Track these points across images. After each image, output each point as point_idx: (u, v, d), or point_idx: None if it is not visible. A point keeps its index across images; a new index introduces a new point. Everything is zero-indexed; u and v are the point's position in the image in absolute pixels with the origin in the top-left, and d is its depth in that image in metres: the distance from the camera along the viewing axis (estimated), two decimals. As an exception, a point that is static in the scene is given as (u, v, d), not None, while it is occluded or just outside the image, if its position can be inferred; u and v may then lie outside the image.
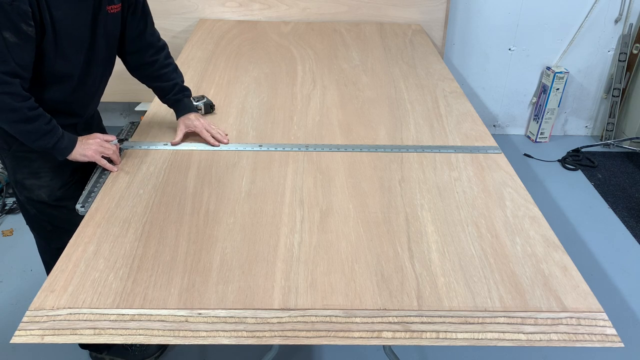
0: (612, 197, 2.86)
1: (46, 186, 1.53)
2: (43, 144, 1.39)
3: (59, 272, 1.16)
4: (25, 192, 1.55)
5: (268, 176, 1.52)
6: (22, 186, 1.55)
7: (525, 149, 3.34)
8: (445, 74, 2.28)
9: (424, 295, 1.12)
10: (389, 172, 1.56)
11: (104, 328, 1.03)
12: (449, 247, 1.26)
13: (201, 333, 1.03)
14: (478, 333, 1.04)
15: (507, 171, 1.58)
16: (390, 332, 1.04)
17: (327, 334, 1.03)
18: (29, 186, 1.54)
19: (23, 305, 2.12)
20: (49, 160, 1.51)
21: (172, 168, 1.55)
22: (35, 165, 1.52)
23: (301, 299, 1.10)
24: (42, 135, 1.38)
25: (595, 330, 1.06)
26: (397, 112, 1.93)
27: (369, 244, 1.26)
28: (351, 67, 2.33)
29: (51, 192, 1.54)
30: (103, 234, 1.28)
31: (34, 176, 1.53)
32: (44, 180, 1.53)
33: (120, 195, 1.42)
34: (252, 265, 1.19)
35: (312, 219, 1.35)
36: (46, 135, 1.38)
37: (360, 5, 2.96)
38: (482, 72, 3.33)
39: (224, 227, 1.31)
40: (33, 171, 1.52)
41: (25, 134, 1.37)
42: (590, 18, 3.13)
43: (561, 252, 1.26)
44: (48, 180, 1.53)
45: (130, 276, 1.15)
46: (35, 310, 1.06)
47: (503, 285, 1.15)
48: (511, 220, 1.36)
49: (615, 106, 3.32)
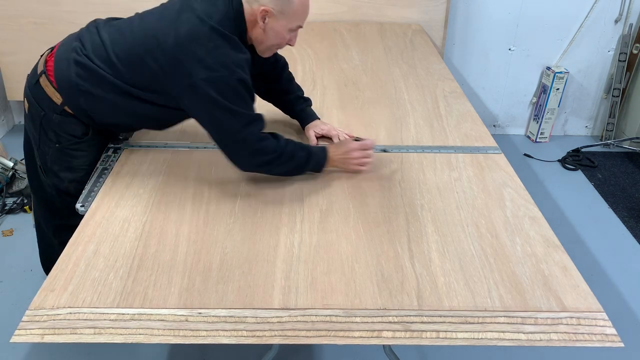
0: (612, 197, 2.86)
1: (78, 181, 1.55)
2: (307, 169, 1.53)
3: (59, 271, 1.16)
4: (56, 180, 1.58)
5: (268, 176, 1.52)
6: (56, 175, 1.58)
7: (525, 149, 3.33)
8: (445, 74, 2.28)
9: (424, 295, 1.12)
10: (389, 172, 1.56)
11: (104, 327, 1.03)
12: (449, 247, 1.26)
13: (201, 332, 1.03)
14: (478, 333, 1.04)
15: (507, 171, 1.58)
16: (390, 332, 1.04)
17: (327, 334, 1.03)
18: (63, 177, 1.57)
19: (23, 305, 2.11)
20: (91, 160, 1.58)
21: (172, 168, 1.55)
22: (77, 162, 1.56)
23: (301, 299, 1.10)
24: (306, 162, 1.51)
25: (595, 330, 1.06)
26: (397, 112, 1.93)
27: (369, 244, 1.26)
28: (351, 67, 2.33)
29: (80, 187, 1.55)
30: (103, 234, 1.28)
31: (71, 170, 1.56)
32: (79, 175, 1.56)
33: (121, 195, 1.42)
34: (252, 265, 1.19)
35: (312, 218, 1.35)
36: (307, 164, 1.51)
37: (360, 5, 2.96)
38: (482, 72, 3.32)
39: (224, 227, 1.31)
40: (72, 166, 1.56)
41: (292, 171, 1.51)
42: (590, 18, 3.13)
43: (561, 252, 1.26)
44: (82, 175, 1.56)
45: (130, 275, 1.15)
46: (35, 309, 1.07)
47: (503, 285, 1.15)
48: (511, 221, 1.36)
49: (615, 106, 3.32)
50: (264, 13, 1.39)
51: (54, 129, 1.51)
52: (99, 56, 1.43)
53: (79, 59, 1.44)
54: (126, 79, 1.42)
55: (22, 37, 2.92)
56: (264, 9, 1.38)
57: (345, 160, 1.55)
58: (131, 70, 1.41)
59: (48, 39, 2.90)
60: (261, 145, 1.42)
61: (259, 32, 1.43)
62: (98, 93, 1.45)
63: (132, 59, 1.40)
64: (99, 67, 1.42)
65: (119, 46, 1.42)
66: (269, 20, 1.40)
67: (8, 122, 3.34)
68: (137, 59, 1.39)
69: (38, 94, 1.50)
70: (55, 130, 1.51)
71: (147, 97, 1.45)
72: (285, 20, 1.41)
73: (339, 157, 1.54)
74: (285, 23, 1.42)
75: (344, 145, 1.57)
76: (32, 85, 1.51)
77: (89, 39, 1.46)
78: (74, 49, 1.45)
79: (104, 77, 1.43)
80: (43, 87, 1.48)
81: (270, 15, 1.39)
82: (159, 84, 1.40)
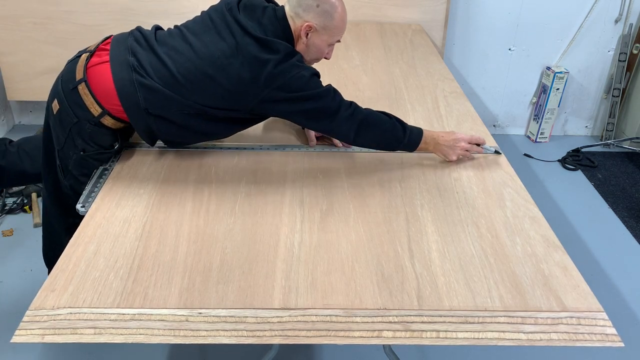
0: (612, 197, 2.86)
1: None
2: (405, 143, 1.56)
3: (59, 271, 1.16)
4: (75, 183, 1.59)
5: (268, 176, 1.52)
6: (75, 178, 1.58)
7: (525, 149, 3.34)
8: (445, 74, 2.28)
9: (424, 295, 1.12)
10: (388, 172, 1.56)
11: (104, 327, 1.03)
12: (449, 247, 1.26)
13: (201, 332, 1.03)
14: (478, 333, 1.04)
15: (507, 171, 1.58)
16: (391, 332, 1.04)
17: (328, 334, 1.03)
18: (82, 181, 1.57)
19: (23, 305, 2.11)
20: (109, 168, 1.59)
21: (172, 168, 1.55)
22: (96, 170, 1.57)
23: (301, 299, 1.10)
24: (402, 131, 1.54)
25: (596, 330, 1.06)
26: (398, 112, 1.92)
27: (369, 244, 1.26)
28: (351, 67, 2.33)
29: None
30: (103, 234, 1.28)
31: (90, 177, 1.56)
32: None
33: (121, 195, 1.42)
34: (253, 265, 1.19)
35: (312, 218, 1.35)
36: (404, 131, 1.54)
37: (360, 5, 2.96)
38: (482, 72, 3.32)
39: (224, 227, 1.31)
40: (92, 174, 1.56)
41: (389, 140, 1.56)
42: (590, 18, 3.13)
43: (561, 252, 1.26)
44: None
45: (130, 276, 1.15)
46: (35, 309, 1.07)
47: (503, 285, 1.15)
48: (511, 220, 1.36)
49: (615, 106, 3.32)
50: (307, 29, 1.46)
51: (84, 138, 1.51)
52: (162, 77, 1.44)
53: (144, 81, 1.44)
54: (196, 98, 1.44)
55: (22, 37, 2.93)
56: (308, 25, 1.46)
57: (453, 147, 1.58)
58: (200, 90, 1.44)
59: (48, 39, 2.94)
60: (353, 108, 1.50)
61: (302, 47, 1.50)
62: (168, 115, 1.47)
63: (200, 78, 1.42)
64: (166, 89, 1.43)
65: (182, 67, 1.43)
66: (312, 35, 1.48)
67: (8, 122, 3.34)
68: (207, 79, 1.42)
69: (74, 101, 1.48)
70: (85, 138, 1.51)
71: (222, 115, 1.48)
72: (327, 35, 1.50)
73: (449, 142, 1.58)
74: (326, 38, 1.50)
75: (454, 133, 1.60)
76: (69, 91, 1.49)
77: (146, 58, 1.46)
78: (132, 68, 1.45)
79: (172, 99, 1.44)
80: (82, 95, 1.47)
81: (314, 31, 1.47)
82: (234, 101, 1.45)
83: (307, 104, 1.44)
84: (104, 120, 1.49)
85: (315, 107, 1.45)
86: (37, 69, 3.00)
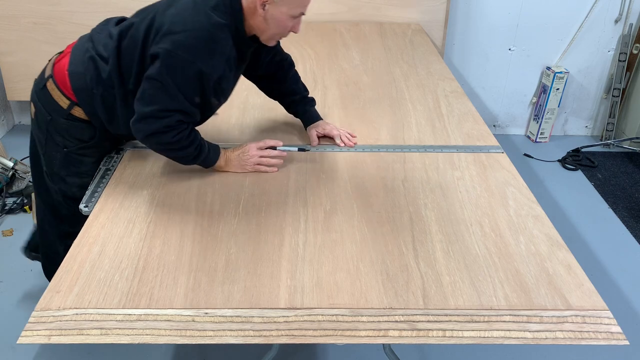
0: (612, 197, 2.87)
1: (86, 187, 1.54)
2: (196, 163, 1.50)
3: (64, 272, 1.16)
4: (64, 185, 1.58)
5: (271, 176, 1.52)
6: (63, 180, 1.58)
7: (525, 149, 3.34)
8: (445, 74, 2.29)
9: (429, 294, 1.12)
10: (391, 172, 1.56)
11: (110, 328, 1.03)
12: (453, 246, 1.26)
13: (208, 333, 1.03)
14: (484, 331, 1.04)
15: (510, 170, 1.58)
16: (397, 331, 1.04)
17: (334, 333, 1.03)
18: (71, 182, 1.57)
19: (23, 305, 2.11)
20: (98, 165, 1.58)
21: (175, 168, 1.55)
22: (84, 168, 1.56)
23: (307, 298, 1.10)
24: (193, 159, 1.48)
25: (601, 329, 1.06)
26: (399, 112, 1.93)
27: (374, 244, 1.27)
28: (352, 67, 2.33)
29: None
30: (107, 235, 1.27)
31: (78, 175, 1.56)
32: (86, 181, 1.55)
33: (124, 196, 1.42)
34: (258, 265, 1.19)
35: (316, 218, 1.35)
36: (196, 158, 1.48)
37: (360, 5, 2.97)
38: (482, 72, 3.33)
39: (228, 227, 1.31)
40: (80, 172, 1.56)
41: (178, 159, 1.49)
42: (590, 18, 3.14)
43: (565, 250, 1.26)
44: (89, 181, 1.54)
45: (135, 276, 1.15)
46: (41, 310, 1.06)
47: (508, 283, 1.16)
48: (514, 219, 1.37)
49: (615, 106, 3.33)
50: (262, 0, 1.35)
51: (61, 133, 1.51)
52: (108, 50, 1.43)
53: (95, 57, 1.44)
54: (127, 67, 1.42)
55: (22, 37, 2.92)
56: None
57: (242, 157, 1.53)
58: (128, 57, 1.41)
59: (48, 39, 2.93)
60: (169, 134, 1.38)
61: (259, 21, 1.39)
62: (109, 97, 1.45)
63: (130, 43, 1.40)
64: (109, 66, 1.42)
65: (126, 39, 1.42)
66: (269, 7, 1.36)
67: (8, 122, 3.33)
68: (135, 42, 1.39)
69: (45, 99, 1.49)
70: (63, 134, 1.51)
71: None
72: (286, 7, 1.37)
73: (235, 155, 1.53)
74: (286, 10, 1.38)
75: (243, 145, 1.55)
76: (39, 90, 1.51)
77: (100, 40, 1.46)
78: (86, 50, 1.46)
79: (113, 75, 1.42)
80: (50, 91, 1.48)
81: (270, 2, 1.36)
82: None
83: (151, 82, 1.35)
84: (74, 112, 1.48)
85: (156, 92, 1.35)
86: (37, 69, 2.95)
